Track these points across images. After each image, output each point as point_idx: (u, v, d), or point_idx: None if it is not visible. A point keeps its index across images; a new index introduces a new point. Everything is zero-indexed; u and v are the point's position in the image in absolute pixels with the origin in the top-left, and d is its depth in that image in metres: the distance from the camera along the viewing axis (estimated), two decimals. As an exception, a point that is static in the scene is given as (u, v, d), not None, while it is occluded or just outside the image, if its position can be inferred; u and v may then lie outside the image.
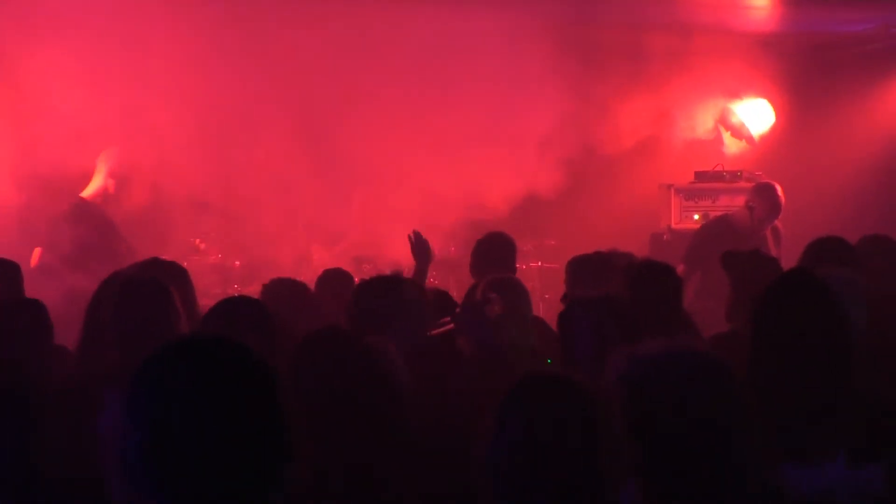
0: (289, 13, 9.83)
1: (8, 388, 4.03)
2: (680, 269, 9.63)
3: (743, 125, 12.50)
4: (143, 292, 5.44)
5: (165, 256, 7.71)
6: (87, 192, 9.93)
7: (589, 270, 6.88)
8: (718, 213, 11.16)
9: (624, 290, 5.59)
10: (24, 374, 4.94)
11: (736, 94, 12.40)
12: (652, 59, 11.59)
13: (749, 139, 12.51)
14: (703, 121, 12.38)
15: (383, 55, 10.64)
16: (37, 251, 9.56)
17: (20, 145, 10.01)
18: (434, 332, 5.94)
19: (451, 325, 5.92)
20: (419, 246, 7.60)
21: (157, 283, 5.54)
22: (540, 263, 11.50)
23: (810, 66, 12.12)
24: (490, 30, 10.58)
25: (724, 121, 12.45)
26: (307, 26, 10.24)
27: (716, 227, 10.36)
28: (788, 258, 8.09)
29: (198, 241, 10.65)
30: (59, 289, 8.68)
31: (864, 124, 12.29)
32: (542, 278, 11.47)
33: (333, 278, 7.49)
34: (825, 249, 6.48)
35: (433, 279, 9.49)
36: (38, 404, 4.09)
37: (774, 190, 10.20)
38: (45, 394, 4.49)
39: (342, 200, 11.08)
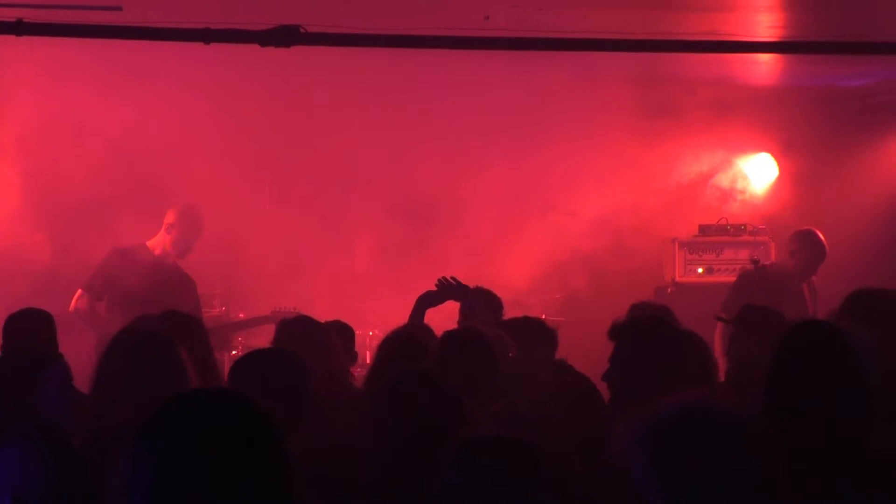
0: (331, 66, 9.93)
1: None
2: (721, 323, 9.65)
3: (746, 179, 12.52)
4: (154, 347, 5.45)
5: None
6: (153, 241, 9.90)
7: None
8: (722, 267, 11.17)
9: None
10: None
11: (739, 148, 12.44)
12: (654, 114, 11.64)
13: (752, 193, 12.53)
14: (707, 175, 12.41)
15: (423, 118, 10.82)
16: (78, 293, 9.53)
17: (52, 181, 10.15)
18: None
19: None
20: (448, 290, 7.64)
21: (166, 338, 5.56)
22: (544, 317, 11.46)
23: (813, 121, 12.15)
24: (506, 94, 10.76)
25: (727, 175, 12.48)
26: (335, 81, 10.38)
27: (752, 278, 10.32)
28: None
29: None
30: (94, 334, 8.70)
31: (867, 177, 12.31)
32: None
33: (334, 330, 7.44)
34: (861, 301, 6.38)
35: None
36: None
37: (817, 235, 10.20)
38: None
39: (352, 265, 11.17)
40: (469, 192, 11.19)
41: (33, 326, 6.98)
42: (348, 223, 11.27)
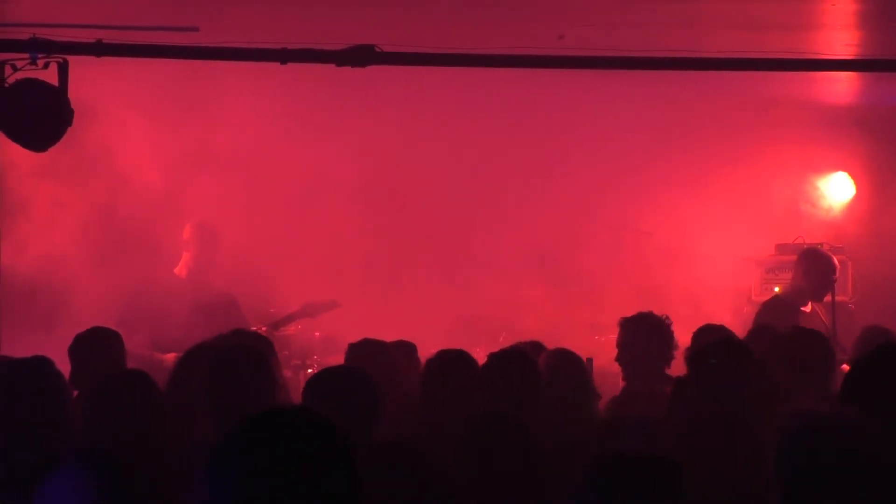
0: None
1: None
2: None
3: (823, 198, 12.44)
4: (241, 362, 5.46)
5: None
6: (178, 266, 9.89)
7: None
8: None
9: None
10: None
11: (816, 167, 12.36)
12: (731, 133, 11.58)
13: (829, 212, 12.45)
14: (784, 194, 12.34)
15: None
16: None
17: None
18: None
19: None
20: None
21: (256, 353, 5.56)
22: (618, 336, 11.42)
23: (889, 139, 12.06)
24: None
25: (804, 194, 12.41)
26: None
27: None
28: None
29: (272, 310, 10.59)
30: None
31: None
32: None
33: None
34: None
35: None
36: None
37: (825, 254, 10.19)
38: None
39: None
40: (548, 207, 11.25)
41: (100, 345, 7.03)
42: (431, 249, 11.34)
